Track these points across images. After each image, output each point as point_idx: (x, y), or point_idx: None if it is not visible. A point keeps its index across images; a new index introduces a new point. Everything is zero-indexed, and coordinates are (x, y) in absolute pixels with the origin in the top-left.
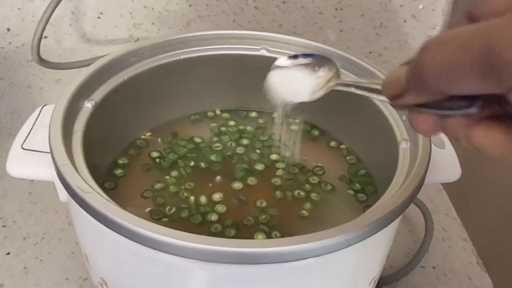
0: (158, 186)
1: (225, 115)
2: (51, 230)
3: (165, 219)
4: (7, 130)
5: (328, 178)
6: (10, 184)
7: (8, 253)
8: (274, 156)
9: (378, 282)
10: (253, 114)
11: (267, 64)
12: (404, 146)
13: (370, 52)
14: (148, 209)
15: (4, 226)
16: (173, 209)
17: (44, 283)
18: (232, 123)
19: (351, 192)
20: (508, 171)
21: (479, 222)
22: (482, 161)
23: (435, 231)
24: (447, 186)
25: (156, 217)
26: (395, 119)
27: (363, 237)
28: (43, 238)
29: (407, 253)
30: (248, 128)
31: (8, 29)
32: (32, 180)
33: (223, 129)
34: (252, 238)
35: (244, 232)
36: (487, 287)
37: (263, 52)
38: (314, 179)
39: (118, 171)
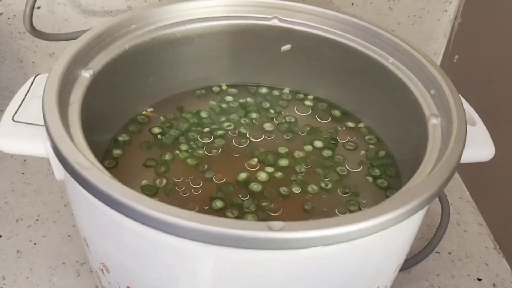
0: (167, 157)
1: (233, 90)
2: (46, 211)
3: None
4: None
5: (344, 160)
6: (1, 162)
7: (0, 236)
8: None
9: None
10: (264, 90)
11: (279, 35)
12: (434, 122)
13: None
14: (144, 181)
15: None
16: (164, 182)
17: (38, 268)
18: (229, 98)
19: (370, 178)
20: None
21: (495, 205)
22: (497, 141)
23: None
24: (460, 168)
25: (149, 191)
26: (422, 93)
27: (398, 220)
28: (37, 220)
29: (420, 238)
30: (249, 99)
31: None
32: (25, 160)
33: (223, 105)
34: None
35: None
36: (504, 273)
37: (275, 22)
38: (339, 157)
39: (118, 149)
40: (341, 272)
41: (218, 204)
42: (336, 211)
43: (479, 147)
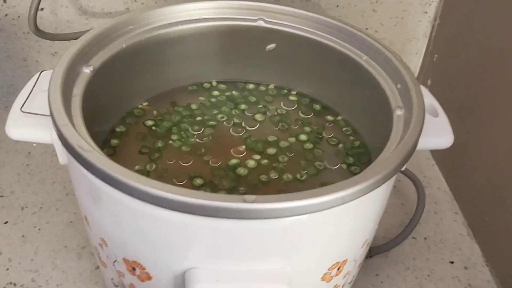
0: (160, 144)
1: (222, 86)
2: (49, 200)
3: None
4: (3, 103)
5: (324, 155)
6: (7, 155)
7: (6, 222)
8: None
9: (370, 251)
10: (251, 86)
11: (264, 35)
12: (398, 113)
13: (366, 29)
14: (137, 167)
15: (1, 196)
16: (154, 167)
17: (42, 251)
18: (216, 93)
19: (344, 166)
20: (499, 146)
21: (471, 195)
22: (474, 136)
23: (427, 204)
24: (439, 161)
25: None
26: (390, 87)
27: (357, 196)
28: (41, 208)
29: (399, 225)
30: (234, 92)
31: (5, 1)
32: (29, 152)
33: (213, 100)
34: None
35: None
36: (476, 256)
37: (261, 23)
38: (318, 151)
39: (116, 139)
40: (310, 242)
41: (199, 181)
42: None
43: (440, 135)
